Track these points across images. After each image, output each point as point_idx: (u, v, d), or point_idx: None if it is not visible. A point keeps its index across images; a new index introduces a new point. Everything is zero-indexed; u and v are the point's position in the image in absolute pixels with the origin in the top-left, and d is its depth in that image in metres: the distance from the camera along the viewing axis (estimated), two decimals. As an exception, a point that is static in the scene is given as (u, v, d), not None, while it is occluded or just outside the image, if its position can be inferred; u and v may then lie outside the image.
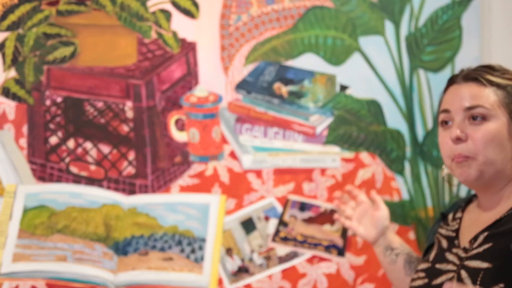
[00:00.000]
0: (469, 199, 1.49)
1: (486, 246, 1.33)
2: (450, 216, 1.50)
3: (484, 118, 1.38)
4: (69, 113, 2.00)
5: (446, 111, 1.41)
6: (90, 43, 1.99)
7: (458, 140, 1.37)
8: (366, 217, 1.69)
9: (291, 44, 2.01)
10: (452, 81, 1.44)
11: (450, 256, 1.39)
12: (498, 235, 1.33)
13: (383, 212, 1.68)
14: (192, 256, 1.87)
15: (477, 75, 1.40)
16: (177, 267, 1.86)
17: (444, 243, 1.44)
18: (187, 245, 1.88)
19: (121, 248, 1.88)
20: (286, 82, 2.01)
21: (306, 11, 2.02)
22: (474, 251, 1.34)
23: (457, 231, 1.44)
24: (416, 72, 2.03)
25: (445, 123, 1.42)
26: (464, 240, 1.40)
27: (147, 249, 1.88)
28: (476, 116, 1.38)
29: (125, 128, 2.00)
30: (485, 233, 1.35)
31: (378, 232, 1.67)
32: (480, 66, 1.44)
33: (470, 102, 1.38)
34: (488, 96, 1.38)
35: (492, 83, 1.39)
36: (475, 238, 1.36)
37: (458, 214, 1.48)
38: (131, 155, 2.00)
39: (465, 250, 1.37)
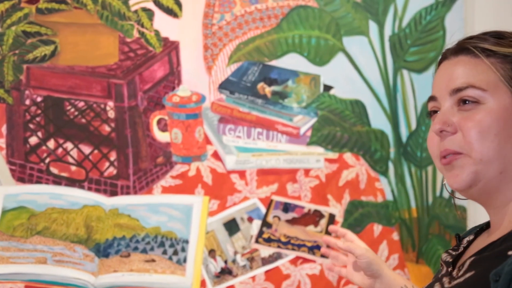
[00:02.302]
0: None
1: (468, 274, 0.98)
2: (465, 240, 1.10)
3: (478, 101, 0.99)
4: (49, 113, 1.93)
5: (432, 98, 1.04)
6: (71, 42, 1.93)
7: (442, 133, 1.00)
8: (355, 265, 1.36)
9: (274, 44, 1.97)
10: (443, 57, 1.05)
11: (437, 286, 1.05)
12: (482, 261, 0.97)
13: (363, 257, 1.32)
14: (175, 258, 1.84)
15: (469, 44, 1.01)
16: (160, 269, 1.83)
17: (444, 270, 1.08)
18: (170, 247, 1.85)
19: (103, 250, 1.84)
20: (270, 82, 1.97)
21: (289, 10, 1.97)
22: (456, 281, 1.00)
23: (458, 256, 1.06)
24: (400, 72, 1.99)
25: (433, 113, 1.04)
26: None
27: (129, 251, 1.85)
28: (466, 100, 0.99)
29: (106, 128, 1.94)
30: (472, 258, 0.99)
31: (371, 278, 1.33)
32: (482, 32, 1.04)
33: (459, 82, 0.99)
34: (484, 72, 0.99)
35: (490, 54, 1.00)
36: (463, 264, 1.01)
37: (471, 237, 1.09)
38: (113, 156, 1.94)
39: (451, 278, 1.02)
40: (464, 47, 1.02)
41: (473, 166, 0.98)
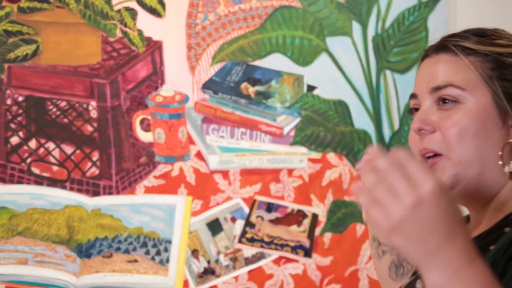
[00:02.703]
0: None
1: None
2: None
3: (457, 100, 0.98)
4: (31, 112, 1.91)
5: (413, 96, 1.03)
6: (53, 41, 1.90)
7: (421, 131, 0.99)
8: None
9: (258, 44, 1.96)
10: (425, 54, 1.04)
11: (418, 284, 1.03)
12: None
13: None
14: (157, 258, 1.83)
15: (449, 42, 1.00)
16: (142, 269, 1.82)
17: None
18: (152, 247, 1.84)
19: (85, 251, 1.83)
20: (253, 82, 1.96)
21: (273, 11, 1.96)
22: None
23: None
24: (383, 73, 1.99)
25: (415, 110, 1.03)
26: None
27: (111, 251, 1.84)
28: (445, 99, 0.98)
29: (89, 128, 1.92)
30: None
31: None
32: (464, 30, 1.02)
33: (438, 81, 0.98)
34: (463, 71, 0.98)
35: (470, 52, 0.98)
36: None
37: None
38: (95, 156, 1.92)
39: None
40: (444, 45, 1.00)
41: (453, 168, 0.97)
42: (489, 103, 0.97)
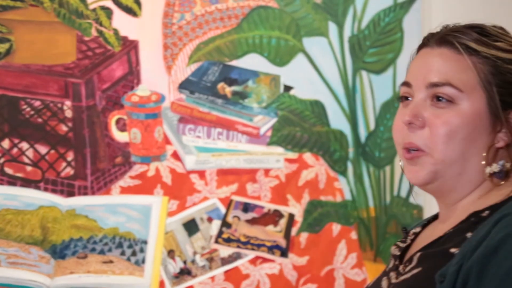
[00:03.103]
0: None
1: (415, 270, 0.95)
2: (411, 232, 1.08)
3: (452, 101, 0.96)
4: (4, 112, 1.87)
5: (406, 84, 0.99)
6: (27, 40, 1.87)
7: (410, 125, 0.97)
8: None
9: (235, 44, 1.95)
10: (424, 42, 1.00)
11: (383, 282, 1.02)
12: (428, 257, 0.96)
13: None
14: (133, 259, 1.82)
15: (454, 38, 0.97)
16: (117, 270, 1.80)
17: (391, 264, 1.06)
18: (128, 248, 1.82)
19: (59, 252, 1.80)
20: (230, 82, 1.95)
21: (250, 11, 1.95)
22: (403, 276, 0.97)
23: (406, 249, 1.04)
24: (359, 73, 1.99)
25: (405, 98, 1.00)
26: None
27: (86, 252, 1.82)
28: (441, 97, 0.96)
29: (63, 128, 1.89)
30: (419, 254, 0.97)
31: None
32: (468, 25, 0.99)
33: (437, 77, 0.96)
34: (464, 71, 0.96)
35: (472, 53, 0.96)
36: (410, 259, 0.98)
37: (418, 229, 1.07)
38: (70, 156, 1.89)
39: (398, 273, 1.00)
40: (448, 40, 0.97)
41: (433, 165, 0.97)
42: (483, 107, 0.96)
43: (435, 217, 1.07)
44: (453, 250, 0.92)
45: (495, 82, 0.96)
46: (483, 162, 0.97)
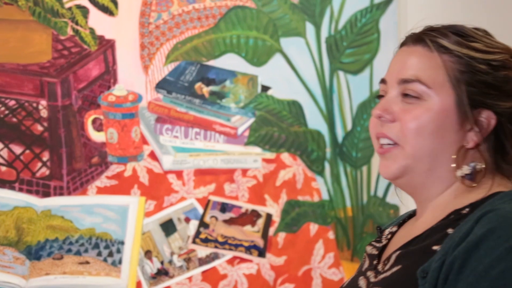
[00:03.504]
0: (414, 212, 1.08)
1: (395, 268, 0.96)
2: (387, 231, 1.10)
3: (421, 97, 0.98)
4: (-22, 111, 1.85)
5: (383, 81, 1.03)
6: (1, 38, 1.84)
7: (381, 118, 1.00)
8: None
9: (212, 43, 1.94)
10: (403, 41, 1.03)
11: (361, 281, 1.02)
12: (408, 255, 0.96)
13: None
14: (110, 260, 1.80)
15: (427, 37, 0.99)
16: (94, 271, 1.78)
17: (366, 264, 1.06)
18: (105, 248, 1.80)
19: (34, 253, 1.78)
20: (208, 82, 1.94)
21: (227, 11, 1.95)
22: (383, 275, 0.97)
23: (383, 248, 1.05)
24: (336, 73, 2.00)
25: (382, 95, 1.03)
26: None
27: (62, 253, 1.80)
28: (410, 93, 0.99)
29: (39, 128, 1.87)
30: (398, 252, 0.98)
31: None
32: (446, 26, 1.01)
33: (407, 74, 0.98)
34: (434, 68, 0.97)
35: (445, 51, 0.98)
36: (388, 258, 0.99)
37: (394, 228, 1.09)
38: (46, 156, 1.87)
39: (377, 272, 1.00)
40: (422, 38, 1.00)
41: (404, 160, 0.99)
42: (451, 105, 0.97)
43: (410, 216, 1.08)
44: (435, 247, 0.93)
45: (465, 80, 0.97)
46: (453, 165, 0.98)
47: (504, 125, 0.98)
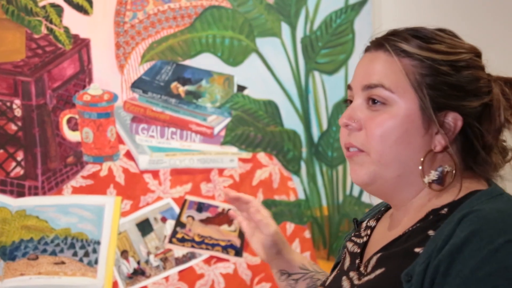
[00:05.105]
0: None
1: (378, 271, 0.95)
2: (364, 224, 1.09)
3: (385, 102, 0.96)
4: (-49, 110, 1.82)
5: (349, 87, 1.01)
6: (-25, 37, 1.83)
7: (347, 127, 0.99)
8: (258, 232, 1.25)
9: (188, 43, 1.94)
10: (367, 47, 1.02)
11: (344, 282, 1.01)
12: (390, 257, 0.95)
13: (270, 235, 1.23)
14: (86, 260, 1.78)
15: (387, 42, 0.98)
16: (70, 271, 1.77)
17: (347, 262, 1.05)
18: (80, 248, 1.79)
19: (8, 253, 1.76)
20: (184, 81, 1.94)
21: (203, 10, 1.94)
22: (366, 278, 0.97)
23: (364, 245, 1.05)
24: (311, 73, 2.01)
25: (350, 102, 1.01)
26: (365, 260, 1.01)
27: (37, 253, 1.77)
28: (375, 99, 0.97)
29: (13, 127, 1.85)
30: (379, 254, 0.97)
31: (268, 254, 1.23)
32: (406, 29, 0.99)
33: (370, 80, 0.97)
34: (396, 73, 0.96)
35: (405, 55, 0.96)
36: (369, 260, 0.98)
37: (372, 223, 1.08)
38: (20, 156, 1.85)
39: (360, 274, 0.99)
40: (383, 44, 0.98)
41: (371, 165, 0.97)
42: (415, 109, 0.96)
43: (387, 208, 1.08)
44: (417, 249, 0.93)
45: (428, 83, 0.95)
46: (420, 167, 0.96)
47: (472, 125, 0.97)
